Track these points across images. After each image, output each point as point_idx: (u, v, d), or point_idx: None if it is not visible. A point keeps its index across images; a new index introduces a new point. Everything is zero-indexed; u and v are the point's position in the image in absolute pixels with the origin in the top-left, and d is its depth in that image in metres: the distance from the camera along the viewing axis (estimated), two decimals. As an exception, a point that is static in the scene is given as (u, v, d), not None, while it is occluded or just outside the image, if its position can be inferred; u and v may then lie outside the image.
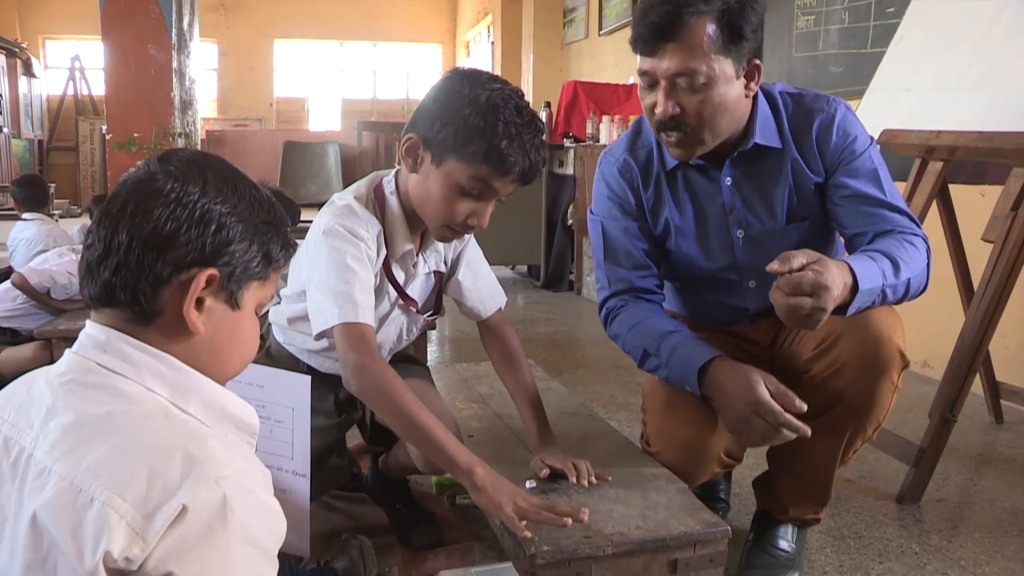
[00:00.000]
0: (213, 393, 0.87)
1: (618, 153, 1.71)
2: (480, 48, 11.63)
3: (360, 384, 1.34)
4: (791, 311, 1.30)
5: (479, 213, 1.43)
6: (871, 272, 1.40)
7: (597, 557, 1.23)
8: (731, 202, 1.63)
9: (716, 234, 1.66)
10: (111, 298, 0.83)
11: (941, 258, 2.64)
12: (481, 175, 1.38)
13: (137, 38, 6.07)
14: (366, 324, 1.37)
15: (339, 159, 7.38)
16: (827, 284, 1.28)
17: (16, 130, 11.21)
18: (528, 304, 4.99)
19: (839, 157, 1.58)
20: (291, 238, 0.95)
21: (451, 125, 1.37)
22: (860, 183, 1.57)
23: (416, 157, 1.44)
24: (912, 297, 1.51)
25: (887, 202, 1.57)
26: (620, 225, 1.68)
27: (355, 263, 1.40)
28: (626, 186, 1.69)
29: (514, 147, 1.36)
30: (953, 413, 2.15)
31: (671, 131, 1.51)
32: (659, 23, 1.44)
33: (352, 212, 1.46)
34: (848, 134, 1.59)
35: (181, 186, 0.84)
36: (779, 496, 1.73)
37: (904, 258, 1.46)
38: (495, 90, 1.38)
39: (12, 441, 0.80)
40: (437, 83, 1.45)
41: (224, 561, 0.75)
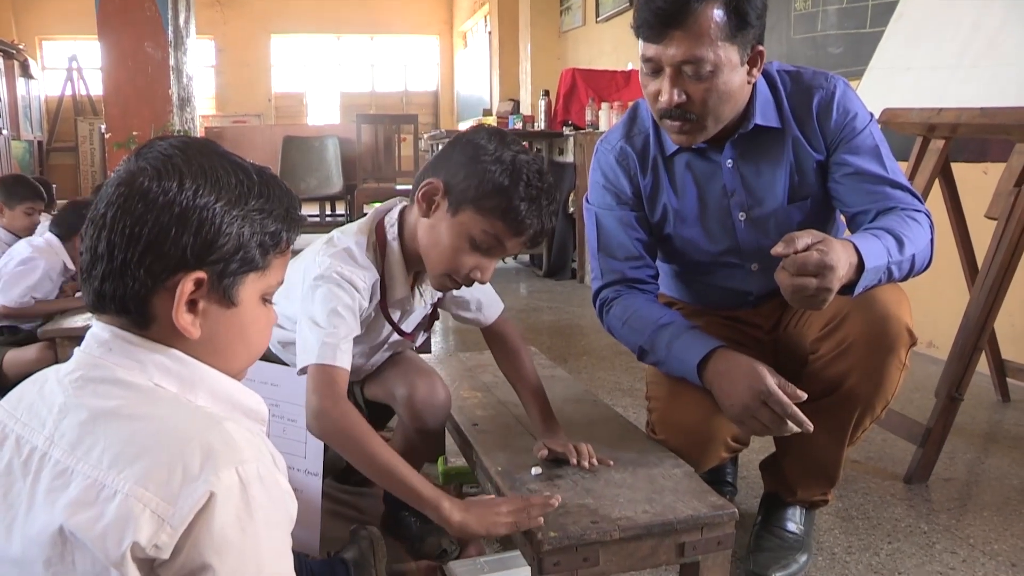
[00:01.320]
0: (220, 383, 0.86)
1: (614, 141, 1.70)
2: (477, 38, 11.60)
3: (321, 428, 1.33)
4: (796, 291, 1.29)
5: (483, 268, 1.44)
6: (876, 250, 1.39)
7: (604, 542, 1.22)
8: (732, 185, 1.62)
9: (717, 217, 1.65)
10: (103, 307, 0.83)
11: (944, 237, 2.62)
12: (495, 231, 1.40)
13: (134, 36, 6.05)
14: (341, 368, 1.36)
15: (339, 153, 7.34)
16: (832, 264, 1.28)
17: (15, 132, 11.19)
18: (531, 293, 4.99)
19: (840, 134, 1.57)
20: (296, 216, 0.90)
21: (475, 177, 1.39)
22: (862, 160, 1.56)
23: (432, 203, 1.45)
24: (917, 272, 1.50)
25: (889, 179, 1.56)
26: (615, 215, 1.68)
27: (346, 312, 1.41)
28: (622, 174, 1.68)
29: (532, 210, 1.39)
30: (959, 392, 2.15)
31: (675, 119, 1.50)
32: (666, 9, 1.42)
33: (351, 259, 1.46)
34: (848, 111, 1.58)
35: (157, 184, 0.80)
36: (787, 477, 1.73)
37: (908, 234, 1.46)
38: (519, 152, 1.42)
39: (24, 440, 0.80)
40: (461, 135, 1.48)
41: (256, 547, 0.75)
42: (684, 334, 1.54)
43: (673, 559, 1.29)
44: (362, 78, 13.43)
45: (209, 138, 1.10)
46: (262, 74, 12.91)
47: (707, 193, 1.64)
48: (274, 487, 0.79)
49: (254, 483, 0.75)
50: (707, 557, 1.29)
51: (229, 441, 0.76)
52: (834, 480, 1.71)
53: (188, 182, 0.81)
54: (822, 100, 1.57)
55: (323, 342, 1.36)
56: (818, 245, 1.29)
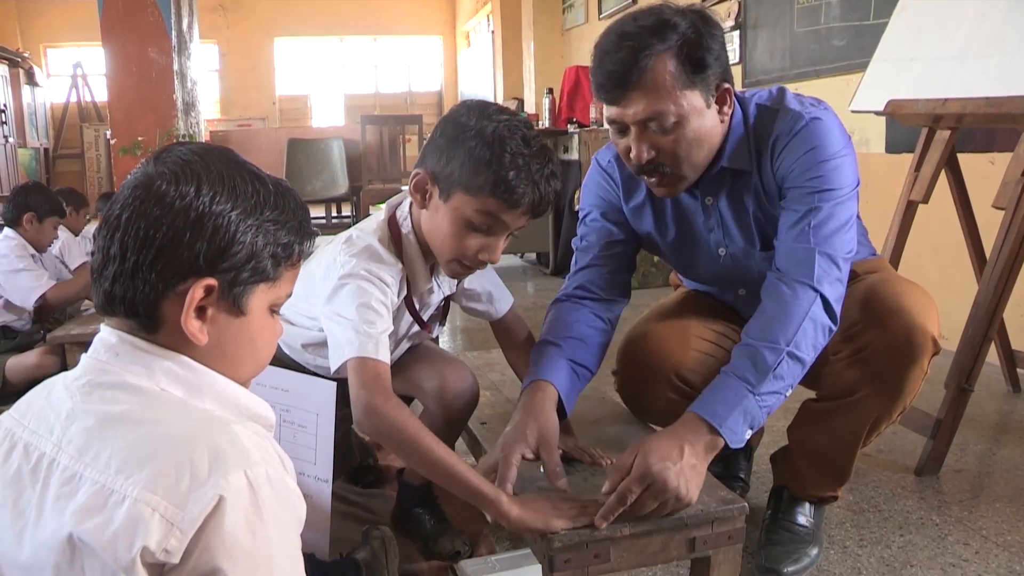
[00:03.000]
0: (227, 389, 0.86)
1: (608, 155, 1.68)
2: (480, 38, 11.59)
3: (373, 426, 1.29)
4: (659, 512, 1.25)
5: (489, 248, 1.40)
6: (725, 399, 1.33)
7: (615, 538, 1.22)
8: (711, 222, 1.60)
9: (702, 250, 1.65)
10: (113, 309, 0.83)
11: (952, 228, 2.62)
12: (489, 208, 1.35)
13: (137, 42, 6.06)
14: (382, 362, 1.33)
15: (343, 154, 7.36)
16: (668, 502, 1.23)
17: (22, 139, 11.23)
18: (538, 291, 4.99)
19: (786, 181, 1.48)
20: (309, 229, 0.90)
21: (457, 158, 1.34)
22: (786, 214, 1.47)
23: (425, 193, 1.41)
24: (815, 347, 1.39)
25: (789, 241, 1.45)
26: (598, 223, 1.67)
27: (379, 306, 1.37)
28: (607, 186, 1.67)
29: (522, 178, 1.32)
30: (969, 383, 2.14)
31: (651, 174, 1.47)
32: (617, 71, 1.38)
33: (375, 255, 1.42)
34: (804, 146, 1.45)
35: (175, 189, 0.80)
36: (798, 473, 1.73)
37: (774, 330, 1.37)
38: (501, 121, 1.34)
39: (32, 447, 0.80)
40: (444, 116, 1.43)
41: (267, 549, 0.75)
42: (540, 358, 1.49)
43: (684, 554, 1.29)
44: (366, 79, 13.43)
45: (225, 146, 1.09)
46: (266, 77, 12.92)
47: (692, 226, 1.63)
48: (283, 489, 0.78)
49: (263, 485, 0.75)
50: (718, 552, 1.29)
51: (237, 444, 0.76)
52: (844, 478, 1.71)
53: (205, 188, 0.81)
54: (779, 140, 1.48)
55: (362, 335, 1.33)
56: (645, 491, 1.21)
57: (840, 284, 1.43)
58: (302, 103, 13.24)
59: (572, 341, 1.53)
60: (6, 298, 3.10)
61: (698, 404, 1.35)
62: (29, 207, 3.24)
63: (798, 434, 1.72)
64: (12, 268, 3.09)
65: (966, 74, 2.28)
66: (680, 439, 1.29)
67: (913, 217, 2.51)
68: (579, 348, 1.53)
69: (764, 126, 1.51)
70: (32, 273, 3.11)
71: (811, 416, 1.68)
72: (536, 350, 1.53)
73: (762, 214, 1.55)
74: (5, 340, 3.10)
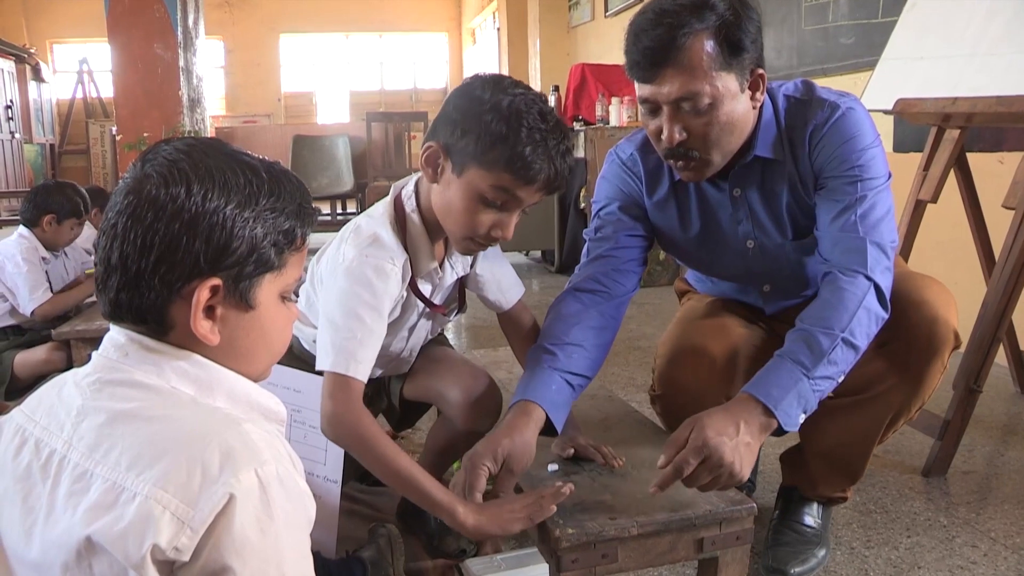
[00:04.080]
0: (238, 385, 0.86)
1: (628, 148, 1.65)
2: (486, 35, 11.58)
3: (334, 432, 1.32)
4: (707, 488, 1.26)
5: (503, 224, 1.36)
6: (780, 382, 1.32)
7: (623, 538, 1.22)
8: (740, 214, 1.58)
9: (728, 244, 1.63)
10: (120, 316, 0.82)
11: (961, 227, 2.61)
12: (504, 183, 1.31)
13: (143, 38, 6.07)
14: (356, 379, 1.33)
15: (349, 151, 7.35)
16: (721, 476, 1.23)
17: (28, 135, 11.27)
18: (544, 289, 4.98)
19: (825, 169, 1.48)
20: (309, 210, 0.88)
21: (472, 132, 1.30)
22: (828, 206, 1.47)
23: (437, 167, 1.37)
24: (868, 335, 1.39)
25: (837, 233, 1.45)
26: (614, 216, 1.64)
27: (366, 311, 1.34)
28: (628, 179, 1.64)
29: (538, 154, 1.29)
30: (978, 384, 2.13)
31: (679, 158, 1.45)
32: (653, 47, 1.36)
33: (380, 244, 1.39)
34: (842, 138, 1.46)
35: (165, 192, 0.78)
36: (810, 472, 1.72)
37: (827, 321, 1.36)
38: (518, 95, 1.31)
39: (43, 443, 0.80)
40: (457, 88, 1.38)
41: (277, 548, 0.75)
42: (531, 371, 1.46)
43: (692, 555, 1.28)
44: (371, 76, 13.44)
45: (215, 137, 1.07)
46: (271, 74, 12.93)
47: (719, 219, 1.61)
48: (293, 488, 0.78)
49: (273, 484, 0.75)
50: (726, 552, 1.29)
51: (248, 442, 0.76)
52: (857, 477, 1.70)
53: (196, 187, 0.79)
54: (815, 130, 1.47)
55: (340, 348, 1.32)
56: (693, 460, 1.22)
57: (890, 273, 1.43)
58: (307, 100, 13.25)
59: (569, 348, 1.47)
60: (12, 303, 3.09)
61: (753, 386, 1.33)
62: (49, 208, 3.17)
63: (812, 431, 1.68)
64: (18, 271, 3.07)
65: (975, 73, 2.27)
66: (736, 416, 1.28)
67: (922, 217, 2.50)
68: (575, 355, 1.47)
69: (796, 116, 1.50)
70: (30, 284, 3.07)
71: (826, 413, 1.65)
72: (531, 357, 1.49)
73: (796, 204, 1.53)
74: (15, 336, 3.10)
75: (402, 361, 1.66)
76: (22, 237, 3.16)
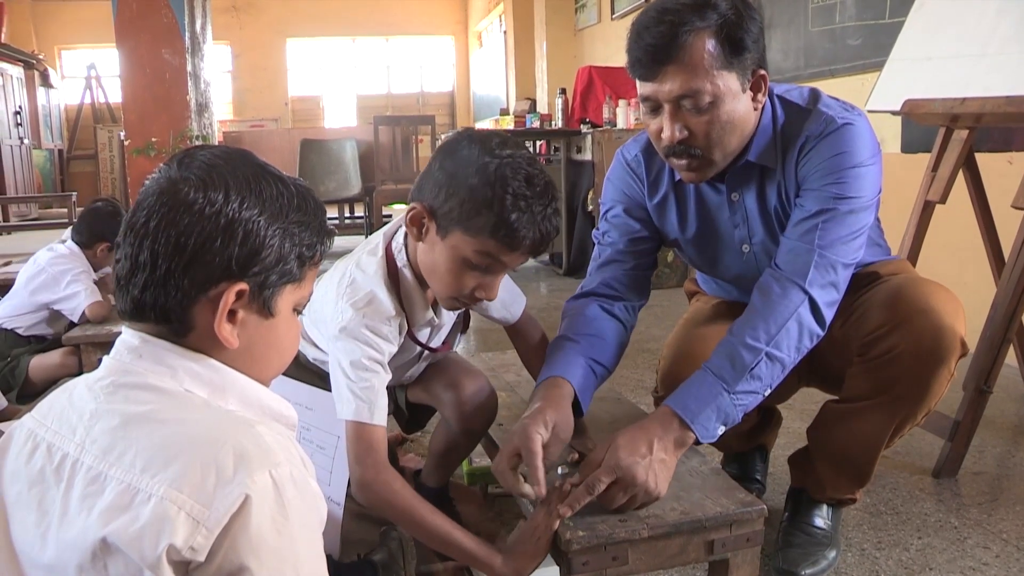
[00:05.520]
0: (251, 389, 0.87)
1: (634, 149, 1.67)
2: (492, 38, 11.59)
3: (367, 499, 1.32)
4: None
5: (486, 286, 1.35)
6: (699, 395, 1.34)
7: (633, 540, 1.22)
8: (735, 218, 1.59)
9: (725, 246, 1.64)
10: (141, 315, 0.83)
11: (970, 228, 2.60)
12: (488, 249, 1.29)
13: (151, 43, 6.10)
14: (377, 427, 1.33)
15: (356, 155, 7.38)
16: (637, 496, 1.25)
17: (36, 141, 11.33)
18: (551, 292, 4.98)
19: (805, 182, 1.47)
20: (328, 228, 0.91)
21: (456, 196, 1.28)
22: (796, 215, 1.46)
23: (421, 226, 1.35)
24: (797, 349, 1.39)
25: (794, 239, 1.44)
26: (621, 227, 1.66)
27: (371, 363, 1.35)
28: (631, 180, 1.66)
29: (523, 221, 1.26)
30: (988, 385, 2.12)
31: (680, 156, 1.45)
32: (656, 44, 1.37)
33: (376, 305, 1.37)
34: (825, 156, 1.44)
35: (203, 196, 0.80)
36: (818, 475, 1.71)
37: (756, 328, 1.37)
38: (504, 158, 1.27)
39: (55, 447, 0.81)
40: (443, 145, 1.37)
41: (293, 548, 0.76)
42: (555, 353, 1.49)
43: (702, 557, 1.28)
44: (378, 80, 13.47)
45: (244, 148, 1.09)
46: (278, 78, 12.98)
47: (715, 222, 1.61)
48: (306, 489, 0.79)
49: (288, 485, 0.76)
50: (736, 554, 1.29)
51: (261, 444, 0.77)
52: (865, 480, 1.70)
53: (234, 193, 0.82)
54: (808, 141, 1.46)
55: (357, 398, 1.33)
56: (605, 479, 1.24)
57: (834, 289, 1.42)
58: (314, 104, 13.29)
59: (590, 338, 1.52)
60: (56, 308, 3.09)
61: (672, 399, 1.36)
62: (105, 237, 3.15)
63: (819, 435, 1.70)
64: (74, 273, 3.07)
65: (984, 73, 2.27)
66: (650, 434, 1.30)
67: (930, 217, 2.49)
68: (597, 345, 1.52)
69: (794, 125, 1.49)
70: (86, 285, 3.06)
71: (833, 417, 1.67)
72: (553, 346, 1.53)
73: (783, 211, 1.54)
74: (34, 344, 3.12)
75: (404, 380, 1.69)
76: (75, 255, 3.14)
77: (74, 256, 3.14)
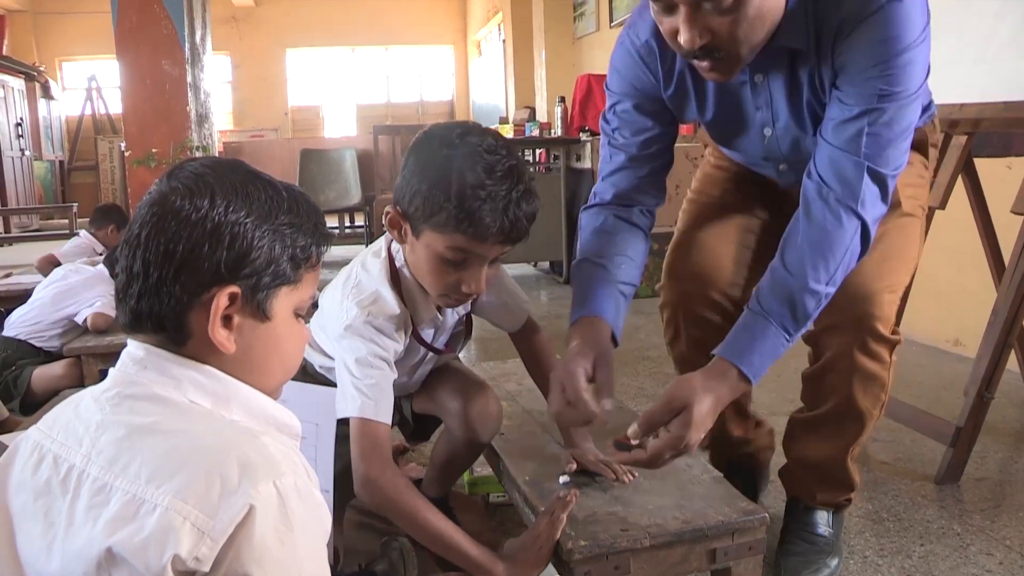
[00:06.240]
0: (254, 399, 0.87)
1: (643, 35, 1.47)
2: (491, 47, 11.62)
3: (370, 497, 1.32)
4: None
5: (469, 279, 1.33)
6: (765, 352, 1.31)
7: (635, 550, 1.21)
8: (758, 100, 1.45)
9: (745, 128, 1.52)
10: (139, 325, 0.84)
11: (969, 233, 2.60)
12: (458, 244, 1.28)
13: (151, 54, 6.10)
14: (381, 424, 1.33)
15: (356, 164, 7.40)
16: (692, 446, 1.26)
17: (37, 152, 11.35)
18: (552, 300, 4.98)
19: (846, 71, 1.30)
20: (325, 231, 0.91)
21: (420, 195, 1.28)
22: (841, 109, 1.31)
23: (400, 229, 1.36)
24: (849, 270, 1.35)
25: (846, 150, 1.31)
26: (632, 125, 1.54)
27: (376, 361, 1.36)
28: (645, 71, 1.50)
29: (486, 210, 1.24)
30: (989, 391, 2.12)
31: (702, 59, 1.28)
32: None
33: (381, 302, 1.39)
34: (868, 42, 1.25)
35: (189, 203, 0.81)
36: (804, 483, 1.73)
37: (817, 267, 1.31)
38: (460, 148, 1.26)
39: (61, 459, 0.81)
40: (412, 144, 1.36)
41: (296, 559, 0.76)
42: (585, 285, 1.47)
43: (704, 566, 1.28)
44: (377, 90, 13.49)
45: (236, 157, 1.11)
46: (278, 88, 13.01)
47: (737, 103, 1.48)
48: (310, 499, 0.79)
49: (292, 495, 0.76)
50: (739, 563, 1.28)
51: (266, 455, 0.77)
52: (850, 485, 1.70)
53: (219, 199, 0.82)
54: (846, 22, 1.26)
55: (363, 395, 1.33)
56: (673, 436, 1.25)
57: (883, 204, 1.33)
58: (314, 114, 13.31)
59: (615, 258, 1.48)
60: (70, 317, 3.12)
61: (740, 356, 1.31)
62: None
63: (793, 448, 1.73)
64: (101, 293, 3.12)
65: (983, 78, 2.27)
66: (721, 403, 1.29)
67: (930, 223, 2.49)
68: (623, 266, 1.48)
69: (829, 1, 1.28)
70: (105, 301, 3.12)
71: (800, 428, 1.70)
72: (580, 273, 1.49)
73: (816, 101, 1.39)
74: (43, 356, 3.12)
75: (409, 387, 1.68)
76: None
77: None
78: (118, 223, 4.15)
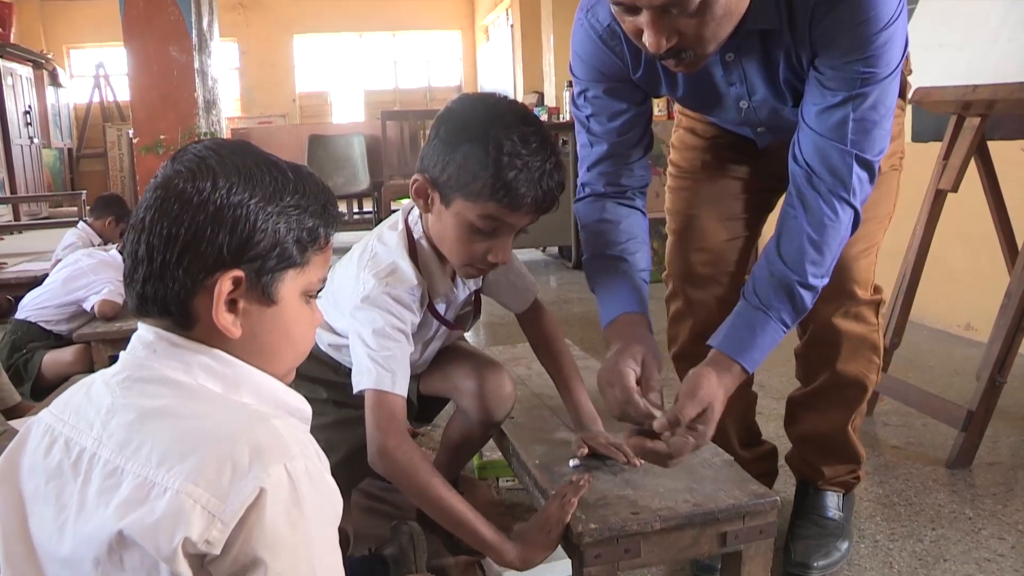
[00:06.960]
0: (264, 383, 0.86)
1: (602, 17, 1.40)
2: (499, 31, 11.57)
3: (385, 468, 1.31)
4: None
5: (497, 249, 1.35)
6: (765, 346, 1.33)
7: (645, 533, 1.21)
8: (731, 77, 1.40)
9: (719, 101, 1.47)
10: (146, 309, 0.83)
11: (982, 216, 2.58)
12: (491, 212, 1.29)
13: (158, 41, 6.11)
14: (398, 396, 1.33)
15: (364, 150, 7.38)
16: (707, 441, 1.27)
17: (46, 140, 11.37)
18: (561, 285, 4.97)
19: (826, 53, 1.26)
20: (334, 212, 0.90)
21: (453, 163, 1.29)
22: (819, 95, 1.29)
23: (427, 198, 1.36)
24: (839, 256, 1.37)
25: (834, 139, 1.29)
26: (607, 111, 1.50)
27: (394, 332, 1.36)
28: (609, 54, 1.44)
29: (521, 180, 1.25)
30: (1002, 375, 2.11)
31: (667, 59, 1.24)
32: None
33: (398, 274, 1.39)
34: (846, 22, 1.21)
35: (192, 185, 0.81)
36: (811, 464, 1.74)
37: (815, 262, 1.32)
38: (496, 119, 1.28)
39: (73, 442, 0.81)
40: (441, 113, 1.36)
41: (308, 542, 0.76)
42: (610, 284, 1.46)
43: (715, 549, 1.27)
44: (385, 75, 13.45)
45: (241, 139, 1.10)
46: (286, 74, 12.98)
47: (709, 83, 1.43)
48: (321, 483, 0.79)
49: (303, 479, 0.76)
50: (749, 546, 1.28)
51: (277, 438, 0.77)
52: (856, 458, 1.72)
53: (222, 181, 0.81)
54: (819, 5, 1.22)
55: (379, 367, 1.33)
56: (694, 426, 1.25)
57: (870, 186, 1.32)
58: (322, 100, 13.29)
59: (630, 244, 1.48)
60: (80, 304, 3.13)
61: (741, 352, 1.31)
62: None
63: (794, 428, 1.75)
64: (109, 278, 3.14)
65: (997, 59, 2.24)
66: (725, 396, 1.30)
67: (942, 206, 2.47)
68: (640, 252, 1.48)
69: None
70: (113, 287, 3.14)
71: (799, 406, 1.73)
72: (598, 270, 1.48)
73: (794, 76, 1.35)
74: (52, 340, 3.14)
75: (418, 366, 1.66)
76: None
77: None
78: (117, 215, 4.15)
